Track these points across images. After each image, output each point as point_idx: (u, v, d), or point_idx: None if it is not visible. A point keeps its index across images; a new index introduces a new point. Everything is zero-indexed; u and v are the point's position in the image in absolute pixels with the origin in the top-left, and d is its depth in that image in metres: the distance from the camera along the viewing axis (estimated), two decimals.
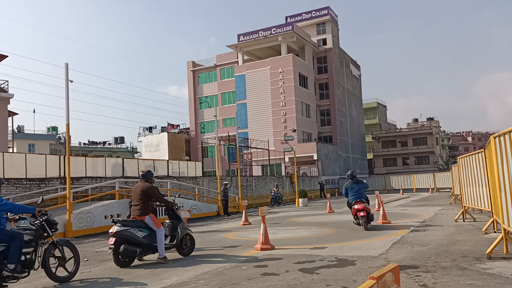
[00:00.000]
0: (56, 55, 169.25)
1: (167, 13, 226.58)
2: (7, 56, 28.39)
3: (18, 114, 33.69)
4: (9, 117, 29.57)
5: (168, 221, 8.62)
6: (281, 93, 44.83)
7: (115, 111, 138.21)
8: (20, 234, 6.10)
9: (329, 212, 18.91)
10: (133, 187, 8.66)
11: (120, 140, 70.57)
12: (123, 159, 23.43)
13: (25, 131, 55.13)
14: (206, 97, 53.64)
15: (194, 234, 9.40)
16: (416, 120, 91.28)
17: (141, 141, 53.65)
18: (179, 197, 18.68)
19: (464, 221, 12.47)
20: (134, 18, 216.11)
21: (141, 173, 8.44)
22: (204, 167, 31.48)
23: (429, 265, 6.51)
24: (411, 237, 9.73)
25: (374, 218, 11.92)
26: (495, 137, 6.87)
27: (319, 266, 6.84)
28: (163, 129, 53.02)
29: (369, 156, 70.57)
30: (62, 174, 18.68)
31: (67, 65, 13.29)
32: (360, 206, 11.58)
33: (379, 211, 13.60)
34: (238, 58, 50.17)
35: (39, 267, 6.33)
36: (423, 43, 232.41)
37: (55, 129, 63.25)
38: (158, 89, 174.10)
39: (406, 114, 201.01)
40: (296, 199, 28.04)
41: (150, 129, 54.75)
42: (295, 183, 30.87)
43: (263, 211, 9.11)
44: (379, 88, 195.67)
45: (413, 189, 40.69)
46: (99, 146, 67.91)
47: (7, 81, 28.14)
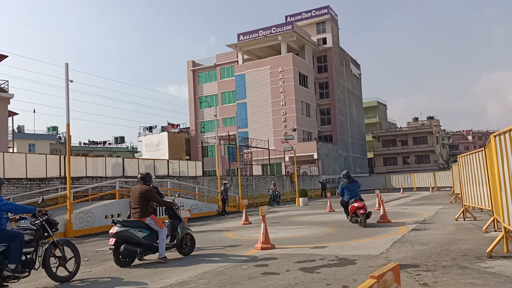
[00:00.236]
0: (56, 55, 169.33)
1: (167, 12, 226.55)
2: (7, 56, 28.39)
3: (18, 114, 33.71)
4: (9, 117, 29.57)
5: (168, 221, 8.62)
6: (281, 92, 44.82)
7: (115, 111, 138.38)
8: (20, 234, 6.10)
9: (329, 211, 18.90)
10: (132, 189, 8.64)
11: (120, 139, 70.55)
12: (123, 158, 23.44)
13: (25, 131, 55.13)
14: (206, 96, 53.62)
15: (194, 233, 9.41)
16: (416, 119, 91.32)
17: (141, 141, 53.65)
18: (179, 197, 18.68)
19: (464, 220, 12.46)
20: (134, 18, 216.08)
21: (139, 176, 8.42)
22: (204, 166, 31.46)
23: (429, 264, 6.51)
24: (411, 236, 9.73)
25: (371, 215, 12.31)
26: (495, 136, 6.87)
27: (320, 265, 6.84)
28: (163, 129, 53.01)
29: (370, 155, 70.56)
30: (62, 174, 18.69)
31: (67, 65, 13.29)
32: (359, 204, 12.00)
33: (380, 210, 13.60)
34: (238, 57, 50.14)
35: (39, 267, 6.33)
36: (423, 42, 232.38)
37: (55, 129, 63.25)
38: (158, 89, 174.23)
39: (406, 113, 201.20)
40: (296, 198, 28.04)
41: (150, 129, 54.75)
42: (295, 182, 30.86)
43: (263, 210, 9.11)
44: (379, 87, 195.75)
45: (414, 188, 40.66)
46: (99, 146, 67.88)
47: (7, 81, 28.15)
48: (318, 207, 23.51)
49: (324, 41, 53.06)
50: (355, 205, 12.06)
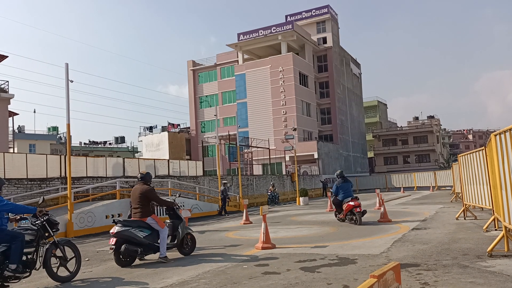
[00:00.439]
0: (56, 55, 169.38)
1: (167, 12, 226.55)
2: (7, 56, 28.37)
3: (18, 114, 33.67)
4: (9, 117, 29.57)
5: (169, 221, 8.62)
6: (282, 92, 44.82)
7: (116, 111, 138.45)
8: (21, 234, 6.10)
9: (330, 210, 18.88)
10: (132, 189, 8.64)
11: (120, 139, 70.60)
12: (124, 158, 23.42)
13: (26, 131, 55.19)
14: (206, 96, 53.63)
15: (195, 233, 9.41)
16: (416, 118, 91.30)
17: (141, 141, 53.68)
18: (179, 197, 18.68)
19: (465, 219, 12.46)
20: (134, 17, 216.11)
21: (139, 176, 8.41)
22: (204, 166, 31.47)
23: (430, 263, 6.51)
24: (412, 235, 9.73)
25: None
26: (495, 135, 6.86)
27: (320, 264, 6.84)
28: (164, 129, 53.03)
29: (370, 154, 70.55)
30: (63, 174, 18.68)
31: (67, 65, 13.29)
32: (356, 202, 12.39)
33: (380, 209, 13.60)
34: (238, 57, 50.13)
35: (40, 267, 6.34)
36: (423, 41, 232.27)
37: (55, 129, 63.30)
38: (158, 89, 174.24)
39: (406, 112, 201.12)
40: (296, 198, 28.04)
41: (150, 129, 54.78)
42: (296, 181, 30.87)
43: (264, 210, 9.11)
44: (380, 86, 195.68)
45: (414, 187, 40.64)
46: (99, 146, 67.93)
47: (8, 82, 28.13)
48: (318, 206, 23.49)
49: (324, 40, 53.04)
50: (352, 203, 12.39)
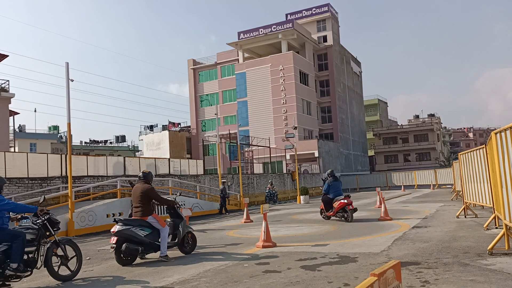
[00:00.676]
0: (56, 54, 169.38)
1: (167, 11, 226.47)
2: (8, 55, 28.39)
3: (19, 113, 33.71)
4: (10, 116, 29.60)
5: (169, 220, 8.63)
6: (282, 90, 44.80)
7: (116, 110, 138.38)
8: (22, 233, 6.12)
9: None
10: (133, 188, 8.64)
11: (121, 138, 70.63)
12: (125, 157, 23.44)
13: (27, 131, 55.24)
14: (206, 95, 53.62)
15: (195, 232, 9.42)
16: (417, 116, 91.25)
17: (142, 140, 53.69)
18: (180, 196, 18.69)
19: (465, 217, 12.46)
20: (134, 16, 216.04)
21: (140, 175, 8.43)
22: (205, 165, 31.45)
23: (430, 261, 6.52)
24: (412, 233, 9.73)
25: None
26: (496, 133, 6.86)
27: (321, 263, 6.85)
28: (164, 128, 53.04)
29: (370, 153, 70.54)
30: (63, 173, 18.70)
31: (67, 64, 13.29)
32: (348, 200, 12.89)
33: (381, 207, 13.61)
34: (238, 55, 50.09)
35: (41, 266, 6.36)
36: (424, 39, 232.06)
37: (56, 128, 63.36)
38: (158, 88, 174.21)
39: (407, 110, 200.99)
40: (297, 196, 28.05)
41: (151, 128, 54.80)
42: (297, 180, 30.89)
43: (265, 208, 9.12)
44: (380, 84, 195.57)
45: (415, 185, 40.65)
46: (100, 145, 67.97)
47: (8, 81, 28.14)
48: (319, 205, 23.46)
49: (324, 39, 52.99)
50: (345, 201, 12.86)
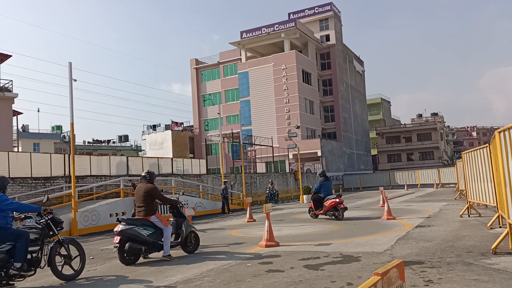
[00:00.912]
0: (59, 54, 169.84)
1: (170, 11, 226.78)
2: (11, 55, 28.50)
3: (22, 113, 33.92)
4: (13, 116, 29.71)
5: (172, 219, 8.64)
6: (285, 89, 44.77)
7: (119, 110, 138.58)
8: (26, 233, 6.14)
9: None
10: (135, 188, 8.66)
11: (124, 138, 70.79)
12: (128, 157, 23.52)
13: (30, 130, 55.42)
14: (209, 94, 53.64)
15: (198, 231, 9.43)
16: (420, 115, 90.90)
17: (145, 139, 53.80)
18: (183, 195, 18.72)
19: (469, 216, 12.42)
20: (136, 16, 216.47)
21: (143, 174, 8.44)
22: (208, 164, 31.53)
23: (434, 260, 6.50)
24: (416, 232, 9.71)
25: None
26: (500, 132, 6.83)
27: (324, 262, 6.85)
28: (167, 127, 53.12)
29: (373, 152, 70.41)
30: (67, 172, 18.77)
31: (70, 64, 13.33)
32: (340, 199, 13.38)
33: (384, 207, 13.59)
34: (241, 55, 50.07)
35: (45, 265, 6.38)
36: (427, 38, 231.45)
37: (59, 128, 63.51)
38: (161, 87, 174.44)
39: (410, 109, 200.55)
40: (300, 196, 28.04)
41: (154, 127, 54.87)
42: (299, 179, 30.86)
43: (268, 208, 9.11)
44: (383, 83, 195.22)
45: (418, 184, 40.57)
46: (103, 144, 68.13)
47: (11, 81, 28.24)
48: None
49: (327, 38, 52.89)
50: (337, 200, 13.33)
